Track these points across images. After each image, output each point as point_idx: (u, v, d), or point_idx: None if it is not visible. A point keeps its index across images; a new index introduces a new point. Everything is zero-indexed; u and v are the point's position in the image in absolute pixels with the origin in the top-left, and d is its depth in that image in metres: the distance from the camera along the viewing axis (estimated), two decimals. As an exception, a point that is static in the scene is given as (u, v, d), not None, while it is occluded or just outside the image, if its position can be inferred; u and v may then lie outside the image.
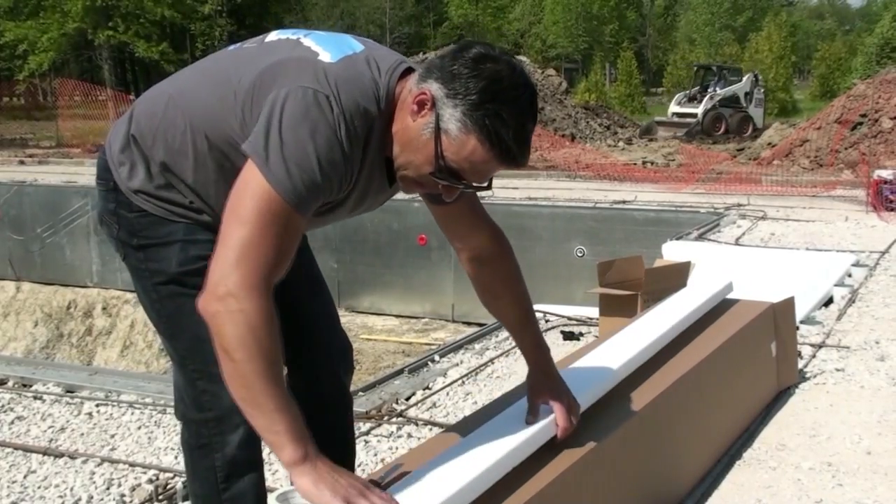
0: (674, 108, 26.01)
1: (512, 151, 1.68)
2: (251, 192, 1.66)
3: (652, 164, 15.61)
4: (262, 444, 2.07)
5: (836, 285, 5.62)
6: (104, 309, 12.07)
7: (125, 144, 1.96)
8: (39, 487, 3.22)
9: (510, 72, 1.69)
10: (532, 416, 2.02)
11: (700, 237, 7.63)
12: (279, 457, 1.58)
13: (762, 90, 27.81)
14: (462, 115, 1.65)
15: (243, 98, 1.78)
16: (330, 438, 2.21)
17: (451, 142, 1.67)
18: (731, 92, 26.00)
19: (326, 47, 1.81)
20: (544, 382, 2.05)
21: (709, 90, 25.90)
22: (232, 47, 1.98)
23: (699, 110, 24.63)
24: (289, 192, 1.65)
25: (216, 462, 1.92)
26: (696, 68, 30.91)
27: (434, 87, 1.69)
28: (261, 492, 2.07)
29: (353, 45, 1.85)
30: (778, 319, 3.62)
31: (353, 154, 1.73)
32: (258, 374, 1.57)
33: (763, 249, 7.08)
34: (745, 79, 27.08)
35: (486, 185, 1.78)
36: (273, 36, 1.94)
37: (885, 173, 9.30)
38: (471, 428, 2.12)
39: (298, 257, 2.15)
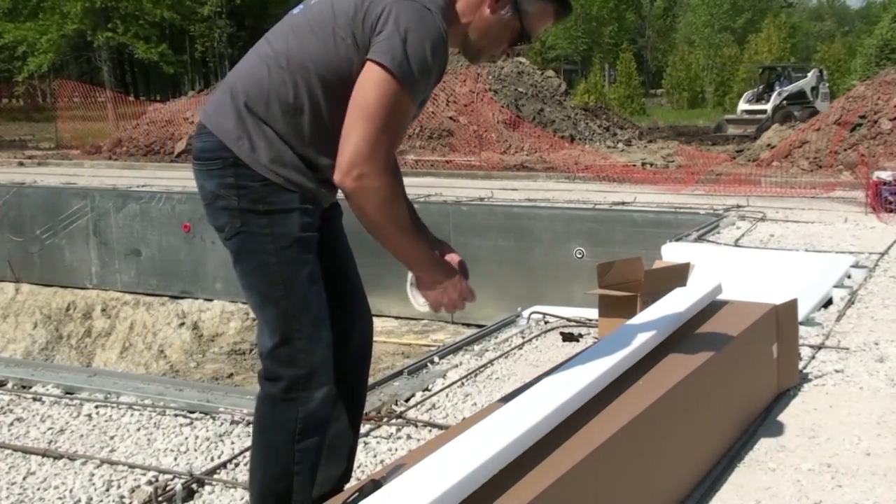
0: (743, 105, 27.44)
1: (568, 7, 2.27)
2: (374, 83, 2.03)
3: (651, 165, 15.61)
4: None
5: (835, 286, 5.62)
6: (103, 310, 12.06)
7: (238, 118, 2.13)
8: (39, 489, 3.22)
9: None
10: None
11: (699, 238, 7.63)
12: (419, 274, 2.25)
13: (827, 85, 29.59)
14: None
15: (349, 25, 2.08)
16: (349, 395, 2.46)
17: (535, 15, 2.21)
18: (797, 88, 27.48)
19: None
20: (440, 248, 2.41)
21: (775, 87, 27.34)
22: (300, 7, 2.25)
23: (769, 106, 25.95)
24: (407, 76, 2.02)
25: (299, 414, 2.17)
26: (761, 69, 32.18)
27: None
28: (321, 454, 2.29)
29: None
30: (780, 321, 3.62)
31: (447, 49, 2.11)
32: (398, 230, 2.14)
33: (762, 251, 7.08)
34: (810, 74, 28.90)
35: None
36: None
37: (885, 174, 9.30)
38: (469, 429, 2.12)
39: (349, 253, 2.50)
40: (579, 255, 9.62)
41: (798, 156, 13.99)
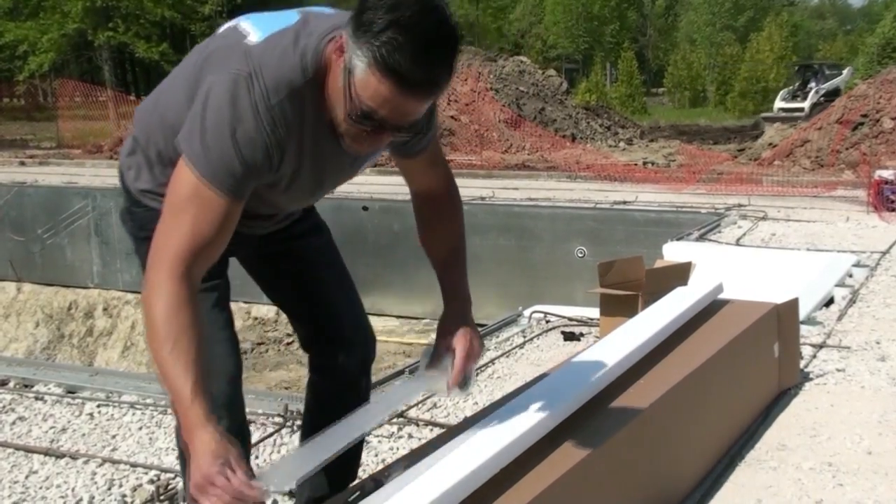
0: (780, 104, 27.59)
1: (409, 79, 1.61)
2: (174, 179, 1.75)
3: (653, 164, 15.61)
4: (249, 434, 2.26)
5: (836, 285, 5.62)
6: (105, 310, 12.07)
7: (131, 150, 2.08)
8: (41, 488, 3.23)
9: (413, 1, 1.63)
10: (435, 361, 1.99)
11: (701, 237, 7.63)
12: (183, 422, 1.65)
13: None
14: (363, 50, 1.62)
15: (191, 93, 1.83)
16: (353, 396, 2.33)
17: (359, 81, 1.65)
18: (833, 85, 27.79)
19: (258, 27, 1.86)
20: (453, 324, 2.01)
21: (810, 85, 27.70)
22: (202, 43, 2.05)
23: (806, 104, 26.22)
24: (206, 171, 1.70)
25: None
26: (797, 67, 32.62)
27: (346, 31, 1.67)
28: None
29: (290, 18, 1.87)
30: (781, 320, 3.62)
31: (279, 128, 1.74)
32: (162, 360, 1.65)
33: (764, 250, 7.08)
34: (845, 72, 29.61)
35: (411, 127, 1.74)
36: (223, 26, 2.00)
37: (886, 173, 9.30)
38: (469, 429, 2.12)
39: (318, 237, 2.31)
40: (580, 255, 9.62)
41: (800, 155, 13.99)
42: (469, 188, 10.91)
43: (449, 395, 1.98)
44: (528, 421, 2.14)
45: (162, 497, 3.01)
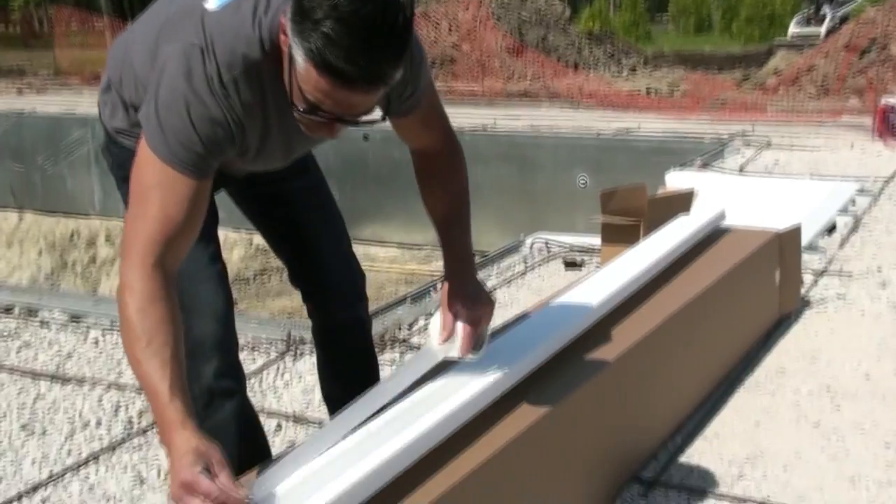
0: (794, 29, 27.02)
1: (345, 74, 1.47)
2: (137, 163, 1.66)
3: (656, 92, 15.44)
4: (242, 372, 2.19)
5: (839, 213, 5.61)
6: (107, 238, 12.09)
7: (106, 86, 2.03)
8: (49, 411, 3.27)
9: None
10: (444, 333, 1.92)
11: (704, 166, 7.58)
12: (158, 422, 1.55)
13: None
14: (299, 41, 1.49)
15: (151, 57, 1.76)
16: (349, 359, 2.41)
17: (300, 72, 1.52)
18: (849, 10, 27.17)
19: None
20: (458, 290, 1.93)
21: (823, 10, 27.02)
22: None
23: (822, 29, 25.62)
24: (166, 153, 1.61)
25: (194, 393, 1.85)
26: None
27: (287, 14, 1.53)
28: (244, 417, 2.13)
29: None
30: (783, 248, 3.62)
31: (236, 104, 1.65)
32: (136, 358, 1.56)
33: (767, 177, 7.04)
34: None
35: (361, 117, 1.59)
36: None
37: (893, 99, 9.18)
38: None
39: (303, 179, 2.21)
40: (582, 183, 9.58)
41: (805, 81, 13.83)
42: (470, 117, 10.82)
43: (464, 360, 1.94)
44: (527, 350, 2.15)
45: (168, 421, 3.04)
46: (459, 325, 1.91)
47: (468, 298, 1.92)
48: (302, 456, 1.70)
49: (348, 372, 2.42)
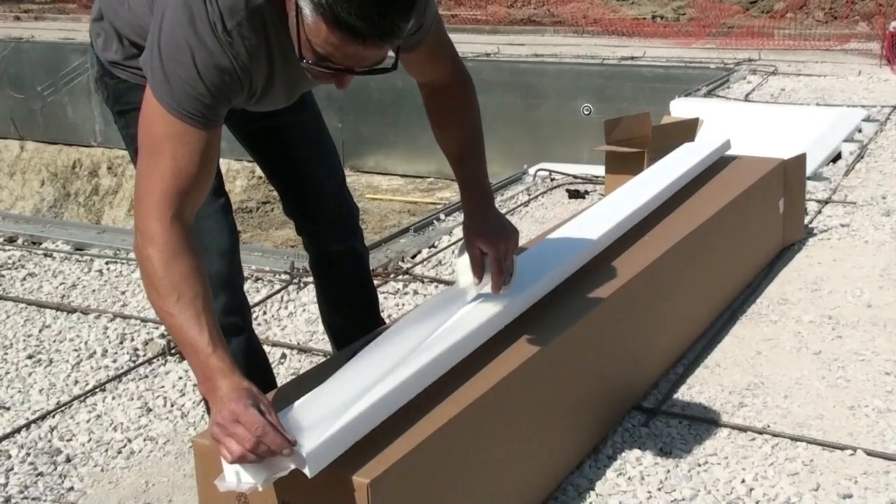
0: None
1: (357, 30, 1.41)
2: (144, 113, 1.63)
3: (661, 18, 15.19)
4: (248, 307, 2.22)
5: (845, 141, 5.57)
6: (109, 168, 12.05)
7: (98, 15, 1.98)
8: (55, 341, 3.30)
9: None
10: (476, 270, 1.93)
11: (709, 94, 7.51)
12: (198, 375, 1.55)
13: None
14: None
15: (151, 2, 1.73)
16: (347, 288, 2.46)
17: (308, 25, 1.46)
18: None
19: None
20: (480, 227, 1.92)
21: None
22: None
23: None
24: (173, 104, 1.58)
25: None
26: None
27: None
28: (251, 352, 2.18)
29: None
30: (788, 176, 3.61)
31: (241, 50, 1.61)
32: (169, 312, 1.55)
33: (773, 105, 6.97)
34: None
35: (370, 68, 1.53)
36: None
37: (902, 25, 9.05)
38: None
39: (299, 114, 2.19)
40: (586, 112, 9.49)
41: (813, 6, 13.59)
42: (474, 44, 10.68)
43: (499, 293, 1.95)
44: (530, 282, 2.15)
45: (173, 350, 3.08)
46: (488, 262, 1.91)
47: (492, 233, 1.90)
48: (336, 403, 1.64)
49: (347, 302, 2.48)
